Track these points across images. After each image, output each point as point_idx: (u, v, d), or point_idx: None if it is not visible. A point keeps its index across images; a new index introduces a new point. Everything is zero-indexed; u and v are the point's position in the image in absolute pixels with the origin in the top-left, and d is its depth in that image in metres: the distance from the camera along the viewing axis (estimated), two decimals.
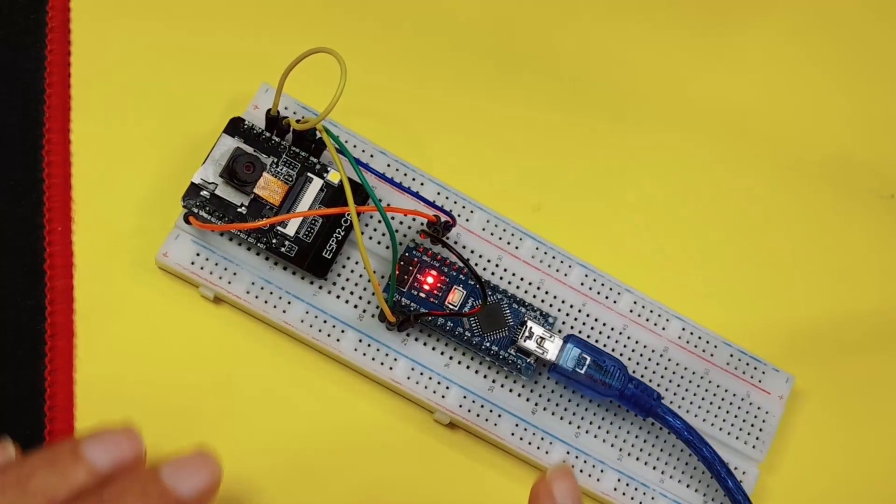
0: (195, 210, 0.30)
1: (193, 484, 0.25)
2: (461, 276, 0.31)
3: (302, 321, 0.31)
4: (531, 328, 0.31)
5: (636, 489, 0.32)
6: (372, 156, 0.32)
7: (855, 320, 0.35)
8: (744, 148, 0.36)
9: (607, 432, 0.32)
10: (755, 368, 0.33)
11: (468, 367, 0.32)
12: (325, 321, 0.31)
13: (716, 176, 0.36)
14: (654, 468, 0.32)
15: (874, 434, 0.35)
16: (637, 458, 0.32)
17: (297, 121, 0.29)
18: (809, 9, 0.38)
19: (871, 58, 0.38)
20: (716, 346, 0.33)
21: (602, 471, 0.32)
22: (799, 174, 0.36)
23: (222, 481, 0.25)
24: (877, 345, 0.35)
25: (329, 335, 0.31)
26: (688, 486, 0.32)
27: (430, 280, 0.31)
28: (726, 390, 0.33)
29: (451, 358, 0.31)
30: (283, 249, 0.30)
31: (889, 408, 0.35)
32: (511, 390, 0.32)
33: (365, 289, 0.31)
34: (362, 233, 0.31)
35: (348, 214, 0.30)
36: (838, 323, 0.35)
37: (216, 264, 0.31)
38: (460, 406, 0.31)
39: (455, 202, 0.33)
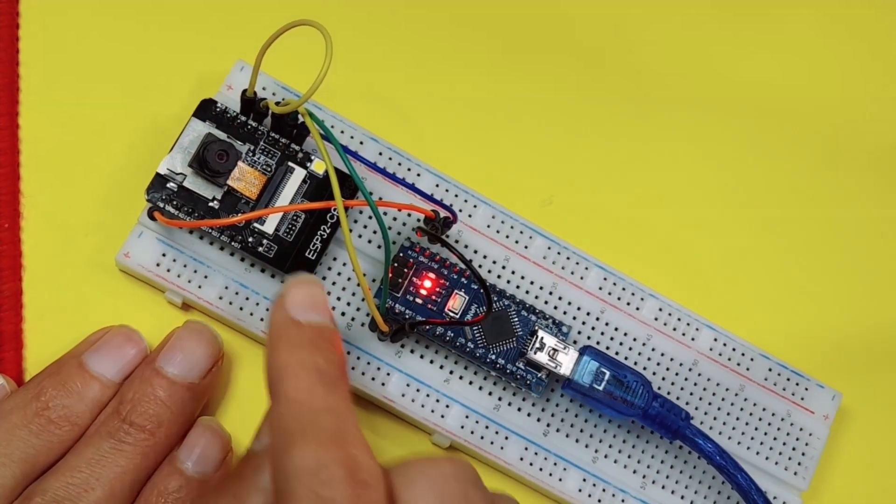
0: (161, 204, 0.29)
1: (201, 368, 0.29)
2: (463, 279, 0.31)
3: None
4: (542, 339, 0.31)
5: None
6: (362, 143, 0.32)
7: None
8: (782, 136, 0.36)
9: (629, 457, 0.32)
10: (797, 384, 0.33)
11: (471, 383, 0.31)
12: None
13: (750, 167, 0.36)
14: (683, 497, 0.32)
15: None
16: (663, 486, 0.32)
17: (277, 103, 0.29)
18: None
19: None
20: (752, 359, 0.33)
21: (623, 500, 0.32)
22: (844, 165, 0.36)
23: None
24: None
25: None
26: None
27: (427, 284, 0.31)
28: (764, 409, 0.33)
29: (451, 372, 0.31)
30: (260, 249, 0.30)
31: None
32: (520, 409, 0.32)
33: (354, 294, 0.31)
34: (351, 230, 0.31)
35: (335, 209, 0.30)
36: (891, 333, 0.35)
37: (185, 266, 0.30)
38: (462, 427, 0.31)
39: (456, 195, 0.32)
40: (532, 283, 0.32)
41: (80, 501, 0.26)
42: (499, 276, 0.32)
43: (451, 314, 0.31)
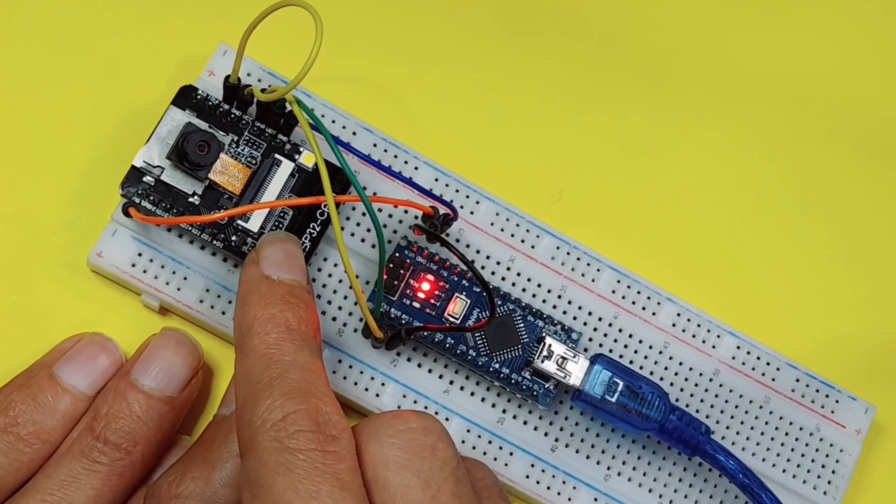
0: (136, 200, 0.29)
1: (179, 380, 0.28)
2: (464, 281, 0.31)
3: None
4: (550, 346, 0.30)
5: None
6: (354, 133, 0.32)
7: None
8: (813, 128, 0.36)
9: (644, 474, 0.32)
10: (826, 396, 0.33)
11: (473, 394, 0.31)
12: None
13: (777, 161, 0.36)
14: None
15: None
16: None
17: (263, 90, 0.29)
18: None
19: None
20: (778, 369, 0.33)
21: None
22: (877, 157, 0.36)
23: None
24: None
25: None
26: None
27: (425, 286, 0.31)
28: (791, 423, 0.33)
29: (451, 382, 0.31)
30: (244, 249, 0.30)
31: None
32: (525, 423, 0.31)
33: (346, 297, 0.31)
34: (342, 228, 0.31)
35: (325, 205, 0.30)
36: None
37: (162, 266, 0.30)
38: (463, 442, 0.31)
39: (457, 191, 0.32)
40: (539, 285, 0.32)
41: None
42: (503, 278, 0.32)
43: (451, 319, 0.30)
